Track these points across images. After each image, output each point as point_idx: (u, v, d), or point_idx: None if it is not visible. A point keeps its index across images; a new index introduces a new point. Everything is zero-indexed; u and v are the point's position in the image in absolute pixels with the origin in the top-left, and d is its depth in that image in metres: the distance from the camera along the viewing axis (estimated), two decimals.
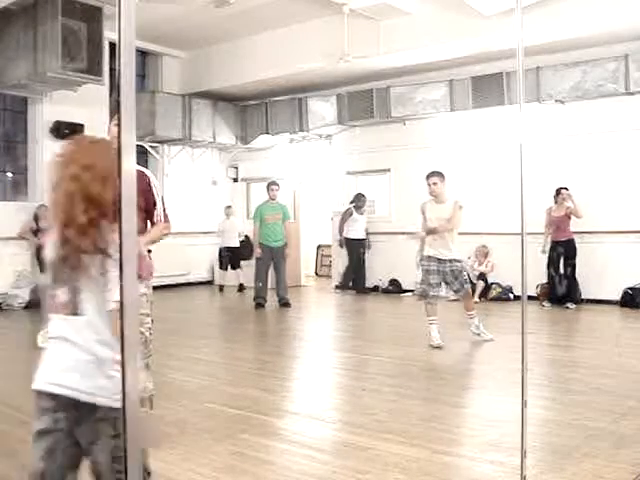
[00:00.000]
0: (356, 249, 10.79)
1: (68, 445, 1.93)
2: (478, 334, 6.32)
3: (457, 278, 6.19)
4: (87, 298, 1.89)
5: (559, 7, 7.72)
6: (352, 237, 10.80)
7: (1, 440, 3.58)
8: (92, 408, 1.87)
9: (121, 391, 1.67)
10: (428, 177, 6.34)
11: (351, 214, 10.84)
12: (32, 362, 1.96)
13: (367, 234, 10.91)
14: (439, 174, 6.34)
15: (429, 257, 6.18)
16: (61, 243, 1.88)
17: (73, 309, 1.90)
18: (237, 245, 11.55)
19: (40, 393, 1.90)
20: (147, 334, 3.36)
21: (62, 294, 1.92)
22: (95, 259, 1.85)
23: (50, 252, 1.93)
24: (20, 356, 6.22)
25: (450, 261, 6.15)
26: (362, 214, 10.89)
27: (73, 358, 1.88)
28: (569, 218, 8.72)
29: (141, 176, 3.37)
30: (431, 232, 6.18)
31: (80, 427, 1.91)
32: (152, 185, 3.53)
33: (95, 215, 1.84)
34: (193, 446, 3.43)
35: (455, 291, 6.33)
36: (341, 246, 10.99)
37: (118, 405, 1.59)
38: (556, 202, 8.81)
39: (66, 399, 1.86)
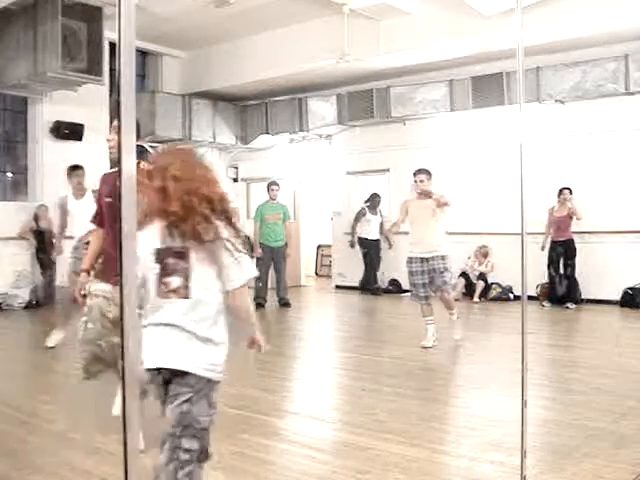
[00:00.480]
0: (369, 249, 10.74)
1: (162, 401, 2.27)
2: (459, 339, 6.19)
3: (438, 277, 6.04)
4: (195, 283, 2.20)
5: (559, 7, 7.72)
6: (366, 237, 10.76)
7: (1, 440, 3.57)
8: (184, 376, 2.21)
9: (214, 363, 2.33)
10: (415, 174, 6.29)
11: (364, 214, 10.78)
12: (31, 362, 1.97)
13: (382, 234, 10.77)
14: (426, 172, 6.28)
15: (411, 258, 6.12)
16: (170, 235, 2.20)
17: (184, 294, 2.19)
18: None
19: (148, 369, 2.21)
20: None
21: (173, 281, 2.20)
22: (204, 247, 2.19)
23: (152, 244, 2.21)
24: (20, 356, 6.22)
25: (433, 259, 6.03)
26: (376, 214, 10.81)
27: (177, 337, 2.21)
28: (571, 218, 8.72)
29: None
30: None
31: (168, 387, 2.24)
32: None
33: (207, 210, 2.20)
34: None
35: (434, 291, 6.15)
36: (352, 246, 10.91)
37: (210, 375, 2.27)
38: (559, 202, 8.82)
39: (167, 371, 2.21)
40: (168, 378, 2.24)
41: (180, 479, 2.18)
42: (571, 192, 8.77)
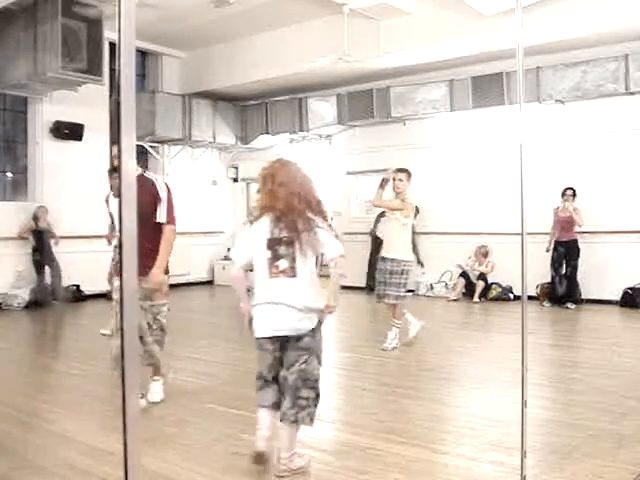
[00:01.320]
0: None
1: (276, 365, 3.02)
2: (390, 345, 5.99)
3: (392, 279, 5.94)
4: (300, 264, 2.96)
5: (559, 7, 7.71)
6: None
7: (1, 440, 3.57)
8: (297, 340, 2.96)
9: (317, 327, 3.01)
10: (395, 172, 6.15)
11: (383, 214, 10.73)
12: (31, 362, 1.97)
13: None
14: (406, 171, 6.16)
15: (382, 258, 6.10)
16: (277, 227, 2.96)
17: (291, 273, 2.95)
18: None
19: (263, 338, 2.99)
20: (163, 321, 4.37)
21: (282, 263, 2.95)
22: (306, 235, 2.94)
23: (264, 234, 2.97)
24: (20, 356, 6.22)
25: (393, 260, 5.95)
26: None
27: (287, 309, 2.92)
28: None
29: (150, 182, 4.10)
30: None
31: (286, 354, 2.98)
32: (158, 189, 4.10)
33: (305, 206, 2.96)
34: (193, 446, 3.43)
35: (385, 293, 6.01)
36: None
37: (316, 337, 3.01)
38: (563, 202, 8.83)
39: (281, 337, 2.96)
40: (283, 345, 2.97)
41: (302, 419, 2.96)
42: (575, 193, 8.76)
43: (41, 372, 5.45)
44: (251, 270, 3.09)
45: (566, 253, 8.81)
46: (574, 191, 8.78)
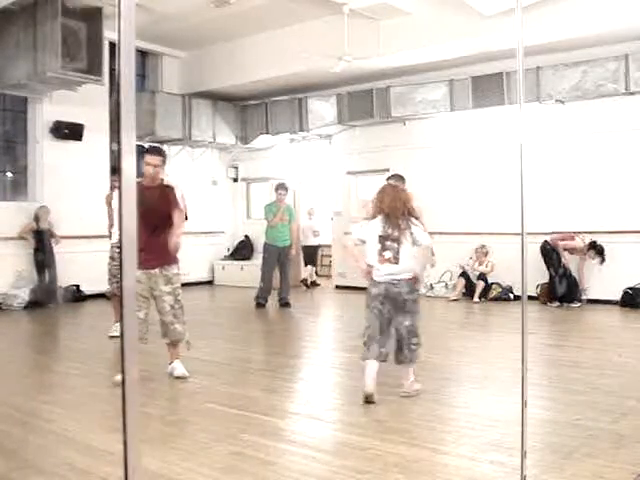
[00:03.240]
0: None
1: (387, 316, 4.32)
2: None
3: None
4: (402, 253, 4.23)
5: (559, 7, 7.71)
6: None
7: (1, 440, 3.57)
8: (399, 296, 4.27)
9: (415, 293, 4.43)
10: (389, 178, 6.27)
11: None
12: (31, 362, 1.97)
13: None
14: (401, 177, 6.25)
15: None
16: (385, 225, 4.26)
17: (395, 261, 4.23)
18: (314, 244, 12.08)
19: (377, 294, 4.30)
20: (183, 302, 4.99)
21: (386, 254, 4.24)
22: (407, 231, 4.23)
23: (377, 231, 4.28)
24: (20, 356, 6.22)
25: None
26: None
27: (394, 281, 4.27)
28: None
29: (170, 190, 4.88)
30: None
31: (397, 315, 4.31)
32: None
33: (408, 209, 4.29)
34: (193, 446, 3.43)
35: None
36: None
37: (415, 296, 4.35)
38: None
39: (390, 294, 4.27)
40: (391, 305, 4.27)
41: (408, 355, 4.32)
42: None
43: (41, 372, 5.45)
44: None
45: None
46: None
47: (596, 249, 8.72)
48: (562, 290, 8.86)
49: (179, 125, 11.18)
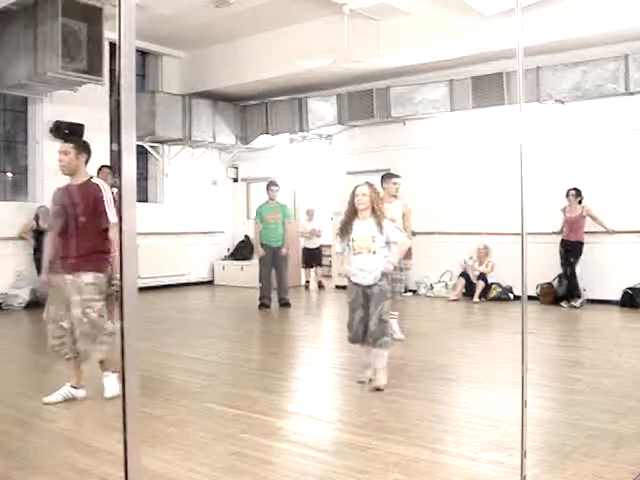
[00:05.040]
0: None
1: (363, 309, 4.65)
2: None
3: (393, 275, 6.33)
4: (376, 245, 4.56)
5: (559, 7, 7.71)
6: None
7: (1, 440, 3.57)
8: (371, 288, 4.58)
9: (383, 279, 4.66)
10: (391, 177, 6.56)
11: None
12: (31, 362, 1.97)
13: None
14: (399, 177, 6.58)
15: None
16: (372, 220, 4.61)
17: (371, 251, 4.57)
18: (315, 246, 11.93)
19: (355, 285, 4.65)
20: (93, 315, 4.29)
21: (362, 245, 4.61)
22: (380, 227, 4.56)
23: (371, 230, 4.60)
24: (20, 356, 6.22)
25: None
26: None
27: (368, 272, 4.58)
28: (584, 218, 8.73)
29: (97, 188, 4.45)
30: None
31: (371, 299, 4.60)
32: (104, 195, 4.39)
33: (376, 206, 4.60)
34: (193, 446, 3.43)
35: None
36: None
37: (388, 287, 4.71)
38: (568, 203, 8.84)
39: (363, 287, 4.61)
40: (366, 291, 4.59)
41: (382, 330, 4.60)
42: (578, 194, 8.74)
43: (41, 372, 5.45)
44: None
45: (567, 252, 8.82)
46: (578, 192, 8.75)
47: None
48: (562, 290, 8.87)
49: (179, 125, 11.18)
